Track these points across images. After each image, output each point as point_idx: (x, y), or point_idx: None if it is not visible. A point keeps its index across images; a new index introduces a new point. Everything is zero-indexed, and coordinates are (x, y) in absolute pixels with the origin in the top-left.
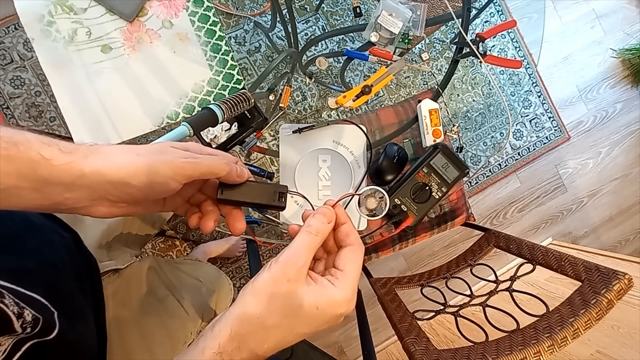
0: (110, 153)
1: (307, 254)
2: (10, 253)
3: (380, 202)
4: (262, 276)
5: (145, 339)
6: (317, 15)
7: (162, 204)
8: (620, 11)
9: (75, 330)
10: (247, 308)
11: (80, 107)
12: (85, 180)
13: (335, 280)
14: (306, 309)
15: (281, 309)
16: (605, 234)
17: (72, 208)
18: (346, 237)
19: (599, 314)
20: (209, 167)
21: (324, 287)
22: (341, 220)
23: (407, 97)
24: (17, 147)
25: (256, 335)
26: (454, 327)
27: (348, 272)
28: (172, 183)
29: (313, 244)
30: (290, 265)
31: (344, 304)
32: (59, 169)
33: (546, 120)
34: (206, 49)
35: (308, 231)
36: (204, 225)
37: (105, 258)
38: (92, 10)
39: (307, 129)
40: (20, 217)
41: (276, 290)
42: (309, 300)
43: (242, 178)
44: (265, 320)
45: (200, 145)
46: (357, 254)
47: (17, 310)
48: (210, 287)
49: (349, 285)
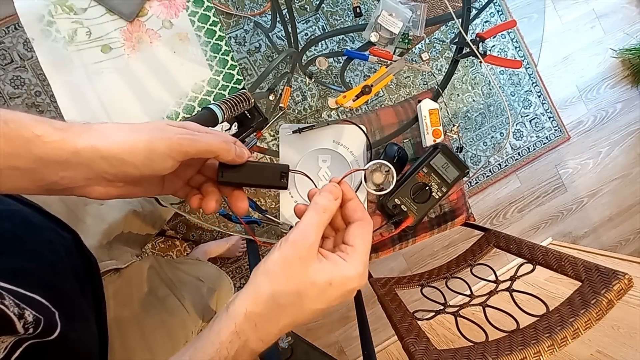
0: (105, 130)
1: (317, 232)
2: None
3: (387, 175)
4: (273, 256)
5: (146, 339)
6: (317, 15)
7: (161, 186)
8: (620, 11)
9: (76, 331)
10: (260, 287)
11: (80, 107)
12: (80, 158)
13: (346, 255)
14: (319, 286)
15: (294, 287)
16: (605, 234)
17: (68, 188)
18: (354, 213)
19: (599, 314)
20: (207, 144)
21: (335, 263)
22: (348, 197)
23: (407, 97)
24: (8, 125)
25: (271, 314)
26: (454, 327)
27: (358, 247)
28: (169, 160)
29: (321, 221)
30: (301, 243)
31: (356, 278)
32: (52, 147)
33: (546, 120)
34: (206, 49)
35: (315, 209)
36: (206, 205)
37: (105, 257)
38: (92, 10)
39: (307, 129)
40: (19, 218)
41: (288, 269)
42: (322, 277)
43: (242, 158)
44: (279, 299)
45: (197, 124)
46: (366, 228)
47: (17, 311)
48: (211, 287)
49: (360, 259)
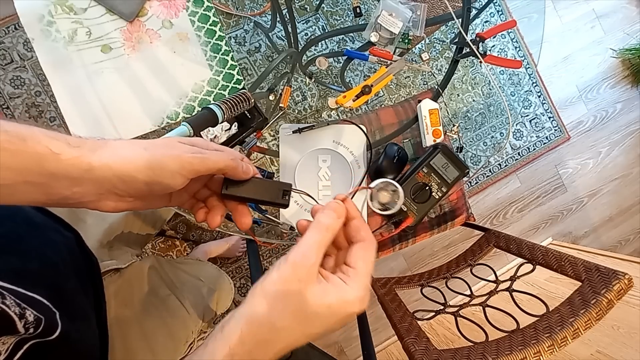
0: (117, 147)
1: (317, 252)
2: (12, 254)
3: (393, 195)
4: (271, 276)
5: (147, 339)
6: (317, 15)
7: (168, 199)
8: (620, 11)
9: (77, 330)
10: (256, 309)
11: (80, 107)
12: (93, 175)
13: (347, 278)
14: (318, 309)
15: (292, 310)
16: (605, 234)
17: (79, 202)
18: (357, 233)
19: (599, 314)
20: (215, 162)
21: (335, 286)
22: (352, 215)
23: (407, 97)
24: (25, 142)
25: (266, 337)
26: (454, 327)
27: (360, 270)
28: (179, 178)
29: (323, 241)
30: (300, 264)
31: (356, 303)
32: (67, 164)
33: (546, 120)
34: (206, 49)
35: (317, 228)
36: (211, 220)
37: (106, 257)
38: (92, 10)
39: (307, 129)
40: (22, 218)
41: (286, 291)
42: (321, 300)
43: (248, 175)
44: (276, 322)
45: (207, 141)
46: (369, 250)
47: (18, 311)
48: (211, 287)
49: (362, 282)
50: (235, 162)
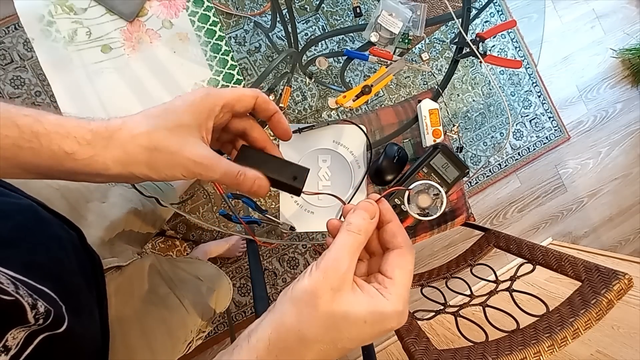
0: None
1: (351, 257)
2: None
3: (436, 200)
4: (302, 283)
5: (147, 337)
6: (317, 15)
7: None
8: (620, 11)
9: (82, 325)
10: (286, 318)
11: (80, 107)
12: (111, 172)
13: (384, 289)
14: (352, 323)
15: (323, 322)
16: (605, 234)
17: None
18: (393, 238)
19: (599, 314)
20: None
21: (372, 298)
22: (386, 218)
23: (407, 97)
24: (39, 140)
25: (295, 349)
26: (454, 327)
27: (398, 280)
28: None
29: (355, 244)
30: (333, 271)
31: (394, 318)
32: (83, 163)
33: (546, 120)
34: (206, 49)
35: (349, 229)
36: (258, 186)
37: (107, 255)
38: (92, 10)
39: (307, 129)
40: (30, 212)
41: (318, 301)
42: (356, 313)
43: (268, 109)
44: (306, 333)
45: None
46: (407, 258)
47: (31, 301)
48: (210, 286)
49: (400, 295)
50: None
